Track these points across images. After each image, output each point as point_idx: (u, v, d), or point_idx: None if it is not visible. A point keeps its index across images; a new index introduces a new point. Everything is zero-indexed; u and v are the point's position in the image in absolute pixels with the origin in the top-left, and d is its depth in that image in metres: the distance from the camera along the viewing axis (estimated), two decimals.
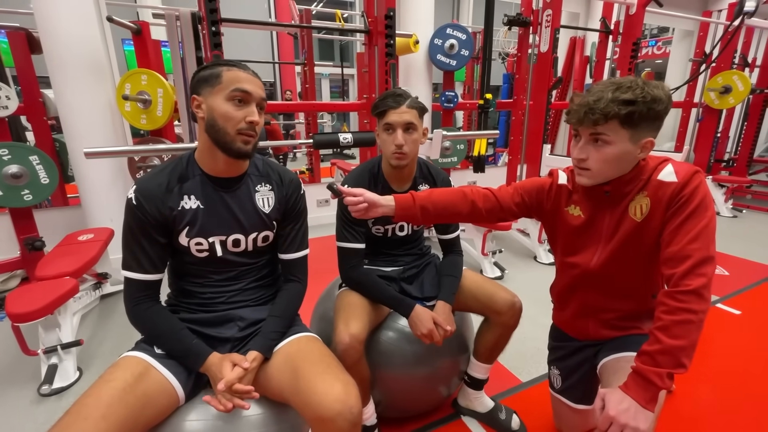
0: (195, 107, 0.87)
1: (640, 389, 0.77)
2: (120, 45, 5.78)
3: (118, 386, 0.77)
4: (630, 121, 0.81)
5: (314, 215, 3.87)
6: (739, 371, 1.66)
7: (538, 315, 2.05)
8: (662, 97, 0.81)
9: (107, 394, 0.75)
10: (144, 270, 0.88)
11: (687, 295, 0.77)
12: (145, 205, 0.86)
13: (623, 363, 0.94)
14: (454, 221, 1.11)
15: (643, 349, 0.80)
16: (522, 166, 3.37)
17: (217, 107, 0.85)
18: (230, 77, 0.85)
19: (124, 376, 0.80)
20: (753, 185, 4.75)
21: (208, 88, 0.85)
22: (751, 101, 4.46)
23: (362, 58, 3.76)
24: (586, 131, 0.87)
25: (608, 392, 0.80)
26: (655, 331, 0.79)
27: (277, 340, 0.94)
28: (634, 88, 0.81)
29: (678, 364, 0.75)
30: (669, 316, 0.77)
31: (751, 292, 2.41)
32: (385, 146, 1.16)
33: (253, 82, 0.87)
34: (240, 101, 0.85)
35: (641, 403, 0.76)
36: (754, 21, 3.85)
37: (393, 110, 1.12)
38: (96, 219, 2.46)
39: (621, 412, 0.75)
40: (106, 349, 1.85)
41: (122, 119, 2.49)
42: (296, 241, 1.04)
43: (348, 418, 0.77)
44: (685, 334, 0.75)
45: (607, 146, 0.85)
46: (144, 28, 2.44)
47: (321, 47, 10.16)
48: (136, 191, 0.87)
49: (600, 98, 0.82)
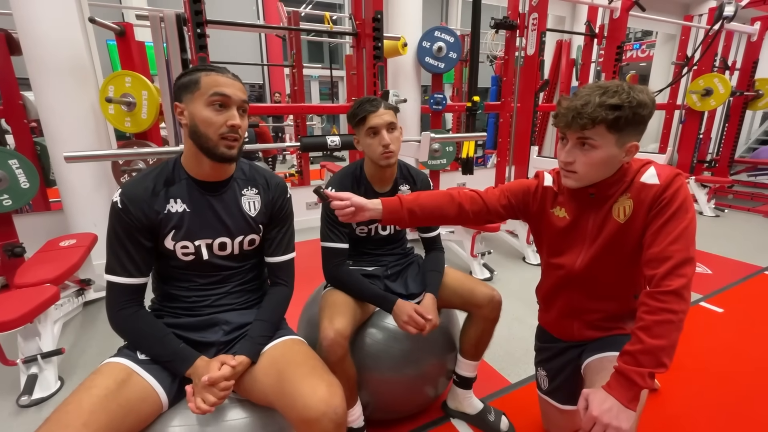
0: (178, 114, 0.87)
1: (622, 389, 0.78)
2: (104, 46, 5.69)
3: (99, 393, 0.76)
4: (616, 126, 0.82)
5: (303, 218, 3.85)
6: (722, 369, 1.69)
7: (526, 316, 2.07)
8: (647, 101, 0.83)
9: (88, 401, 0.74)
10: (129, 274, 0.88)
11: (667, 295, 0.79)
12: (131, 208, 0.86)
13: (606, 363, 0.96)
14: (441, 224, 1.12)
15: (625, 349, 0.81)
16: (510, 168, 3.40)
17: (197, 113, 0.85)
18: (208, 82, 0.85)
19: (105, 382, 0.78)
20: (734, 185, 4.87)
21: (188, 95, 0.86)
22: (732, 103, 4.58)
23: (351, 60, 3.76)
24: (573, 135, 0.88)
25: (591, 392, 0.81)
26: (637, 331, 0.80)
27: (264, 344, 0.94)
28: (620, 92, 0.81)
29: (659, 363, 0.77)
30: (650, 317, 0.79)
31: (733, 290, 2.47)
32: (371, 149, 1.18)
33: (232, 86, 0.87)
34: (220, 105, 0.85)
35: (623, 403, 0.77)
36: (733, 25, 3.95)
37: (373, 114, 1.16)
38: (78, 224, 2.41)
39: (604, 412, 0.76)
40: (89, 358, 1.81)
41: (106, 122, 2.44)
42: (282, 244, 1.04)
43: (332, 419, 0.77)
44: (665, 334, 0.77)
45: (593, 150, 0.86)
46: (128, 29, 2.40)
47: (310, 49, 10.13)
48: (122, 195, 0.87)
49: (587, 102, 0.82)
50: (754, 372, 1.67)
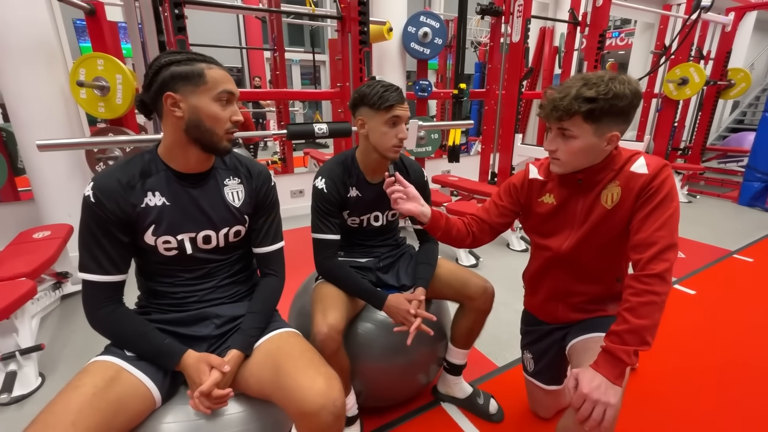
0: (170, 105, 0.82)
1: (609, 366, 0.83)
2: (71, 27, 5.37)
3: (87, 392, 0.74)
4: (592, 117, 0.87)
5: (288, 206, 3.80)
6: (695, 347, 1.78)
7: (512, 301, 2.13)
8: (625, 93, 0.86)
9: (76, 400, 0.72)
10: (105, 271, 0.84)
11: (652, 278, 0.84)
12: (105, 201, 0.81)
13: (591, 344, 1.01)
14: (459, 247, 1.24)
15: (611, 329, 0.86)
16: (495, 155, 3.43)
17: (204, 108, 0.83)
18: (214, 77, 0.83)
19: (93, 381, 0.76)
20: (706, 172, 5.07)
21: (190, 87, 0.82)
22: (705, 92, 4.72)
23: (335, 44, 3.67)
24: (554, 125, 0.94)
25: (580, 371, 0.85)
26: (623, 312, 0.85)
27: (257, 337, 0.93)
28: (598, 84, 0.85)
29: (642, 341, 0.82)
30: (636, 298, 0.84)
31: (704, 272, 2.59)
32: (385, 139, 1.15)
33: (232, 81, 0.87)
34: (226, 101, 0.85)
35: (611, 379, 0.82)
36: (709, 15, 4.05)
37: (400, 105, 1.14)
38: (52, 215, 2.30)
39: (593, 389, 0.80)
40: (70, 352, 1.76)
41: (77, 107, 2.32)
42: (270, 233, 1.02)
43: (332, 411, 0.78)
44: (649, 315, 0.82)
45: (572, 140, 0.92)
46: (98, 8, 2.26)
47: (290, 32, 9.83)
48: (94, 188, 0.82)
49: (566, 95, 0.87)
50: (724, 349, 1.77)
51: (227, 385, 0.84)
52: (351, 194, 1.23)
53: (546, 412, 1.35)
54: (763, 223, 3.63)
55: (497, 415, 1.37)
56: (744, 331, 1.91)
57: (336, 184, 1.20)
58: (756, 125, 4.19)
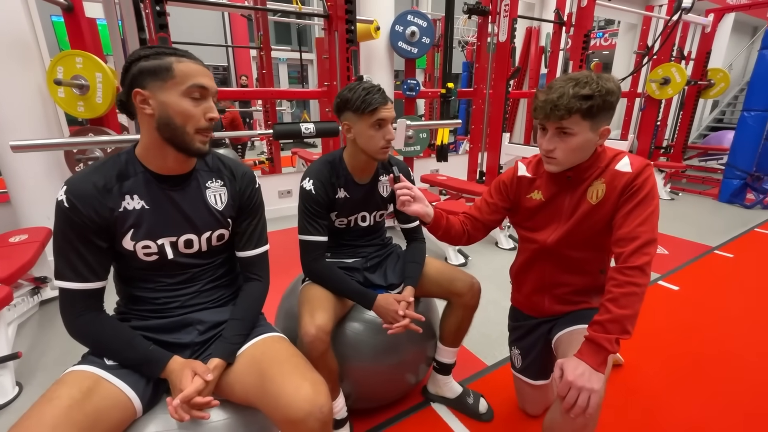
0: (140, 102, 0.78)
1: (592, 354, 0.86)
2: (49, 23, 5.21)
3: (62, 404, 0.70)
4: (590, 113, 0.90)
5: (276, 207, 3.76)
6: (679, 342, 1.82)
7: (501, 299, 2.14)
8: (614, 89, 0.91)
9: (51, 413, 0.68)
10: (83, 278, 0.80)
11: (633, 270, 0.88)
12: (79, 206, 0.77)
13: (576, 335, 1.04)
14: (456, 245, 1.27)
15: (594, 319, 0.89)
16: (483, 154, 3.45)
17: (173, 104, 0.78)
18: (184, 71, 0.78)
19: (69, 392, 0.73)
20: (687, 170, 5.19)
21: (158, 83, 0.77)
22: (687, 92, 4.83)
23: (322, 43, 3.64)
24: (553, 125, 0.94)
25: (565, 361, 0.88)
26: (606, 302, 0.89)
27: (240, 344, 0.90)
28: (590, 83, 0.89)
29: (624, 330, 0.86)
30: (618, 289, 0.88)
31: (687, 269, 2.65)
32: (373, 142, 1.14)
33: (207, 75, 0.82)
34: (198, 97, 0.80)
35: (594, 367, 0.85)
36: (690, 17, 4.14)
37: (384, 107, 1.12)
38: (29, 218, 2.23)
39: (578, 376, 0.83)
40: (49, 360, 1.70)
41: (56, 106, 2.25)
42: (254, 237, 0.99)
43: (318, 418, 0.76)
44: (630, 305, 0.86)
45: (572, 137, 0.94)
46: (76, 4, 2.19)
47: (277, 30, 9.73)
48: (68, 192, 0.77)
49: (562, 95, 0.89)
50: (707, 343, 1.81)
51: (209, 392, 0.81)
52: (339, 195, 1.22)
53: (534, 410, 1.36)
54: (742, 219, 3.73)
55: (487, 415, 1.37)
56: (726, 326, 1.96)
57: (324, 185, 1.18)
58: (735, 124, 4.30)
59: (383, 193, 1.31)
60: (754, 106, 4.02)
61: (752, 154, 4.12)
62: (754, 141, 4.09)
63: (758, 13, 5.55)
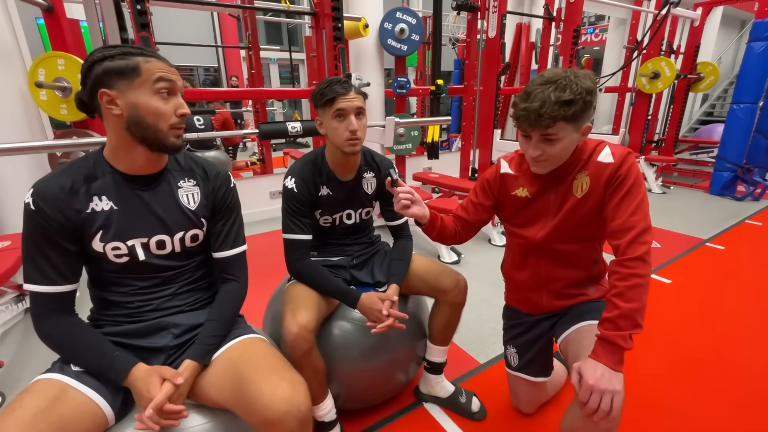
0: (106, 103, 0.77)
1: (608, 354, 0.84)
2: (33, 24, 5.13)
3: (26, 413, 0.68)
4: (574, 118, 0.89)
5: (266, 208, 3.73)
6: (671, 334, 1.82)
7: (493, 297, 2.12)
8: (592, 86, 0.89)
9: (13, 424, 0.66)
10: (50, 281, 0.79)
11: (634, 261, 0.87)
12: (46, 209, 0.76)
13: (584, 332, 1.02)
14: (449, 244, 1.26)
15: (604, 317, 0.87)
16: (474, 152, 3.44)
17: (143, 103, 0.77)
18: (151, 69, 0.77)
19: (34, 401, 0.71)
20: (678, 163, 5.21)
21: (125, 82, 0.76)
22: (676, 86, 4.85)
23: (310, 42, 3.61)
24: (537, 133, 0.93)
25: (581, 365, 0.85)
26: (612, 298, 0.87)
27: (214, 345, 0.88)
28: (569, 84, 0.86)
29: (635, 324, 0.84)
30: (622, 283, 0.86)
31: (679, 262, 2.65)
32: (337, 134, 1.13)
33: (173, 71, 0.81)
34: (167, 93, 0.79)
35: (612, 367, 0.83)
36: (678, 10, 4.15)
37: (343, 96, 1.10)
38: (11, 224, 2.19)
39: (598, 379, 0.81)
40: (33, 370, 1.66)
41: (38, 109, 2.20)
42: (230, 237, 0.97)
43: (296, 416, 0.75)
44: (637, 297, 0.84)
45: (558, 142, 0.93)
46: (57, 5, 2.15)
47: (268, 30, 9.67)
48: (34, 195, 0.76)
49: (543, 102, 0.87)
50: (700, 336, 1.81)
51: (181, 399, 0.79)
52: (322, 193, 1.20)
53: (528, 408, 1.35)
54: (733, 211, 3.75)
55: (479, 413, 1.36)
56: (719, 318, 1.96)
57: (306, 183, 1.16)
58: (725, 117, 4.32)
59: (368, 191, 1.29)
60: (743, 99, 4.04)
61: (742, 147, 4.14)
62: (744, 133, 4.11)
63: (746, 6, 5.58)
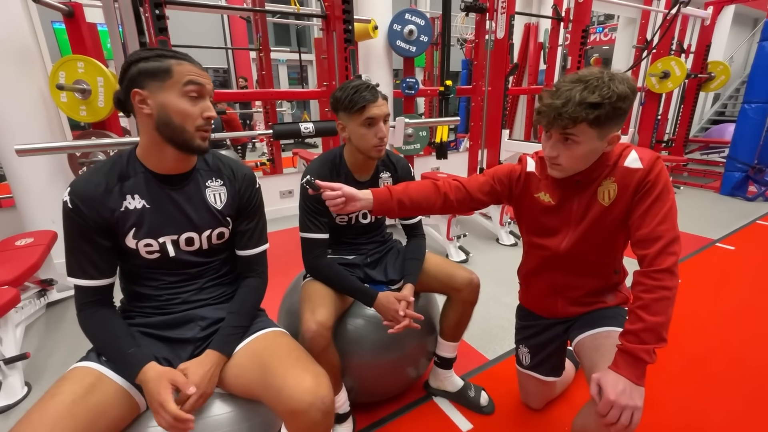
0: (138, 102, 0.81)
1: (630, 367, 0.81)
2: (49, 28, 5.25)
3: (65, 399, 0.72)
4: (597, 122, 0.83)
5: (277, 207, 3.78)
6: (679, 334, 1.82)
7: (501, 295, 2.15)
8: (627, 93, 0.82)
9: (53, 408, 0.71)
10: (89, 276, 0.84)
11: (661, 273, 0.83)
12: (83, 207, 0.81)
13: (601, 339, 1.00)
14: (428, 214, 1.13)
15: (627, 328, 0.84)
16: (483, 152, 3.45)
17: (171, 104, 0.80)
18: (182, 72, 0.81)
19: (72, 388, 0.75)
20: (689, 163, 5.17)
21: (157, 83, 0.80)
22: (687, 85, 4.81)
23: (320, 43, 3.66)
24: (556, 131, 0.89)
25: (602, 376, 0.83)
26: (636, 310, 0.83)
27: (236, 336, 0.92)
28: (600, 87, 0.80)
29: (660, 338, 0.81)
30: (648, 295, 0.83)
31: (688, 261, 2.65)
32: (365, 140, 1.14)
33: (204, 75, 0.84)
34: (195, 96, 0.82)
35: (633, 381, 0.80)
36: (689, 10, 4.13)
37: (373, 104, 1.11)
38: (35, 221, 2.26)
39: (619, 394, 0.79)
40: (56, 361, 1.73)
41: (58, 111, 2.27)
42: (254, 237, 1.01)
43: (320, 408, 0.78)
44: (663, 311, 0.82)
45: (576, 145, 0.88)
46: (77, 9, 2.22)
47: (277, 32, 9.75)
48: (71, 194, 0.81)
49: (568, 100, 0.82)
50: (708, 336, 1.81)
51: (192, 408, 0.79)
52: None
53: (537, 404, 1.37)
54: (744, 211, 3.71)
55: (488, 407, 1.38)
56: (728, 318, 1.96)
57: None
58: (736, 117, 4.28)
59: None
60: (755, 98, 4.00)
61: (753, 147, 4.10)
62: (755, 133, 4.07)
63: (758, 4, 5.52)
